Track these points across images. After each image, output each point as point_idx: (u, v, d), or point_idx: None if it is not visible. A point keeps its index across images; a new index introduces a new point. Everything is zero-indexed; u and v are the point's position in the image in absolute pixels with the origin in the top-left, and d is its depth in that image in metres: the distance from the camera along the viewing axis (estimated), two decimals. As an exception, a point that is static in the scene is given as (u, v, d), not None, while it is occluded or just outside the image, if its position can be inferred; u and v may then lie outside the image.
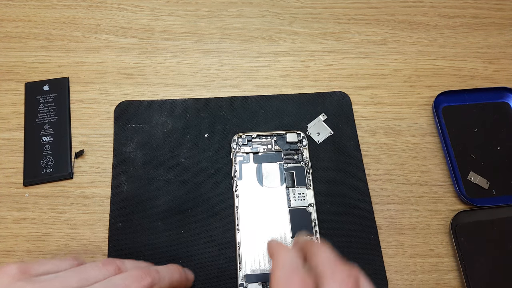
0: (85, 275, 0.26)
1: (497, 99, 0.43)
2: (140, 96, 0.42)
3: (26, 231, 0.36)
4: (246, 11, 0.48)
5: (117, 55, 0.44)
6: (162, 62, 0.44)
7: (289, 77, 0.44)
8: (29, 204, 0.37)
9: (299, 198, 0.37)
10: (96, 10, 0.47)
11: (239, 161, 0.38)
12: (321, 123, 0.41)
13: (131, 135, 0.40)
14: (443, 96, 0.42)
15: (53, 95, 0.41)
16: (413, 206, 0.38)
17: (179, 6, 0.47)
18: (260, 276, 0.33)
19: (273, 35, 0.46)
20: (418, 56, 0.46)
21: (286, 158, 0.38)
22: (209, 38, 0.46)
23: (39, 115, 0.40)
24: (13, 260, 0.35)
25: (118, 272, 0.27)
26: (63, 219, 0.37)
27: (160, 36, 0.46)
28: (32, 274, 0.25)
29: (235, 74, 0.44)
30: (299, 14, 0.48)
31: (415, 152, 0.41)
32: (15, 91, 0.42)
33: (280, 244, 0.28)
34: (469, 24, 0.48)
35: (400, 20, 0.48)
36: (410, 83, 0.44)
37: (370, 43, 0.46)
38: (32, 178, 0.38)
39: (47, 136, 0.40)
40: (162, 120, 0.40)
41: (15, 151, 0.39)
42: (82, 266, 0.27)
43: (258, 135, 0.39)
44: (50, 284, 0.24)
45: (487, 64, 0.46)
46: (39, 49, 0.44)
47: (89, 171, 0.39)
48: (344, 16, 0.48)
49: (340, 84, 0.44)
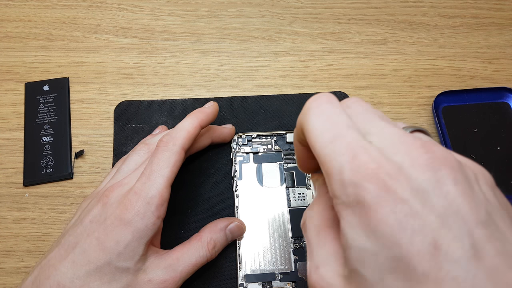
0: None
1: (497, 99, 0.43)
2: (140, 96, 0.42)
3: (26, 231, 0.36)
4: (246, 11, 0.48)
5: (117, 55, 0.44)
6: (162, 62, 0.44)
7: (289, 77, 0.44)
8: (29, 204, 0.37)
9: (299, 198, 0.37)
10: (96, 10, 0.47)
11: (239, 161, 0.38)
12: (321, 123, 0.41)
13: (131, 135, 0.40)
14: (443, 96, 0.42)
15: (53, 95, 0.41)
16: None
17: (179, 6, 0.47)
18: (260, 276, 0.34)
19: (273, 35, 0.46)
20: (418, 56, 0.46)
21: (286, 158, 0.38)
22: (209, 38, 0.46)
23: (39, 115, 0.40)
24: (13, 260, 0.35)
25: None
26: (63, 219, 0.37)
27: (160, 36, 0.46)
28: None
29: (235, 74, 0.44)
30: (299, 14, 0.48)
31: (415, 152, 0.41)
32: (15, 91, 0.42)
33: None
34: (469, 24, 0.48)
35: (400, 20, 0.48)
36: (410, 83, 0.44)
37: (370, 43, 0.46)
38: (32, 178, 0.38)
39: (47, 136, 0.40)
40: (162, 120, 0.40)
41: (15, 151, 0.39)
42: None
43: (258, 135, 0.39)
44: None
45: (487, 64, 0.46)
46: (39, 49, 0.44)
47: (89, 171, 0.39)
48: (344, 16, 0.48)
49: (340, 84, 0.44)
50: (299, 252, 0.35)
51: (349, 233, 0.17)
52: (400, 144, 0.18)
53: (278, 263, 0.34)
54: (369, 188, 0.16)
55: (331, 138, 0.18)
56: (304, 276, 0.34)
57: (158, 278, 0.28)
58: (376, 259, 0.16)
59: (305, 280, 0.34)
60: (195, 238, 0.32)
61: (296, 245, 0.35)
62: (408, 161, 0.17)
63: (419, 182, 0.16)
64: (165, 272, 0.28)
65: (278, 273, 0.34)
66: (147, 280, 0.28)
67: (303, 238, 0.35)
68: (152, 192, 0.28)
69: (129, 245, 0.27)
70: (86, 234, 0.27)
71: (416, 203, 0.16)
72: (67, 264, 0.26)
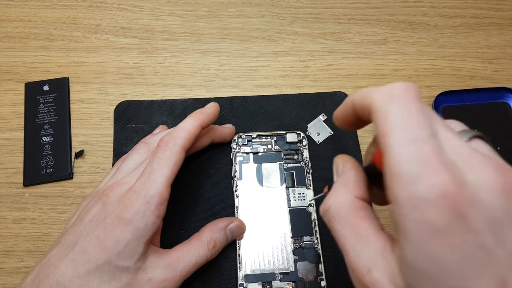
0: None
1: (497, 99, 0.43)
2: (140, 96, 0.42)
3: (26, 231, 0.36)
4: (246, 11, 0.48)
5: (117, 55, 0.44)
6: (162, 62, 0.44)
7: (289, 77, 0.44)
8: (29, 204, 0.37)
9: (299, 198, 0.37)
10: (96, 10, 0.47)
11: (239, 161, 0.38)
12: (321, 123, 0.41)
13: (131, 135, 0.40)
14: (443, 96, 0.42)
15: (53, 95, 0.41)
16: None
17: (179, 6, 0.47)
18: (260, 276, 0.33)
19: (273, 35, 0.46)
20: (418, 56, 0.46)
21: (286, 158, 0.38)
22: (209, 38, 0.46)
23: (39, 115, 0.40)
24: (13, 260, 0.35)
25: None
26: (63, 219, 0.37)
27: (160, 36, 0.46)
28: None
29: (235, 74, 0.44)
30: (299, 14, 0.48)
31: (415, 152, 0.41)
32: (15, 91, 0.42)
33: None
34: (469, 24, 0.48)
35: (400, 20, 0.48)
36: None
37: (370, 43, 0.46)
38: (32, 178, 0.38)
39: (47, 136, 0.40)
40: (162, 120, 0.40)
41: (15, 151, 0.39)
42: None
43: (258, 135, 0.39)
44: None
45: (487, 64, 0.46)
46: (39, 49, 0.44)
47: (89, 171, 0.39)
48: (344, 16, 0.48)
49: (340, 84, 0.44)
50: (299, 252, 0.35)
51: (411, 253, 0.16)
52: (471, 160, 0.17)
53: (278, 263, 0.34)
54: (443, 211, 0.15)
55: (410, 139, 0.17)
56: (304, 276, 0.34)
57: (158, 277, 0.28)
58: (437, 284, 0.15)
59: (305, 280, 0.34)
60: (195, 238, 0.32)
61: (296, 245, 0.35)
62: (483, 184, 0.16)
63: (494, 211, 0.15)
64: (165, 271, 0.28)
65: (278, 273, 0.34)
66: (147, 279, 0.28)
67: (303, 238, 0.35)
68: (152, 191, 0.28)
69: (129, 244, 0.27)
70: (85, 233, 0.27)
71: (488, 236, 0.15)
72: (67, 263, 0.26)
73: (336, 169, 0.23)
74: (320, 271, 0.34)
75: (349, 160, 0.23)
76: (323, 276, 0.34)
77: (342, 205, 0.20)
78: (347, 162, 0.22)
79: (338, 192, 0.21)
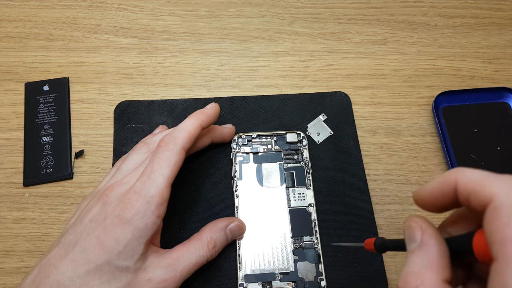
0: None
1: (497, 99, 0.43)
2: (140, 96, 0.42)
3: (26, 231, 0.36)
4: (246, 11, 0.48)
5: (117, 55, 0.44)
6: (162, 62, 0.44)
7: (289, 77, 0.44)
8: (29, 204, 0.37)
9: (299, 198, 0.37)
10: (96, 10, 0.47)
11: (239, 161, 0.38)
12: (321, 123, 0.41)
13: (131, 135, 0.40)
14: (443, 96, 0.42)
15: (53, 95, 0.41)
16: (413, 206, 0.38)
17: (179, 6, 0.47)
18: (260, 276, 0.33)
19: (273, 35, 0.46)
20: (418, 56, 0.46)
21: (286, 158, 0.38)
22: (209, 38, 0.46)
23: (39, 115, 0.40)
24: (13, 260, 0.35)
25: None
26: (63, 219, 0.37)
27: (160, 36, 0.46)
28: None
29: (235, 74, 0.44)
30: (299, 14, 0.48)
31: (415, 152, 0.41)
32: (15, 91, 0.42)
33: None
34: (469, 24, 0.48)
35: (400, 20, 0.48)
36: (410, 83, 0.44)
37: (370, 43, 0.46)
38: (32, 178, 0.38)
39: (47, 136, 0.40)
40: (162, 120, 0.40)
41: (15, 151, 0.39)
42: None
43: (258, 135, 0.39)
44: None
45: (487, 64, 0.46)
46: (39, 49, 0.44)
47: (89, 171, 0.39)
48: (344, 16, 0.48)
49: (340, 84, 0.44)
50: (299, 252, 0.35)
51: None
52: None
53: (278, 263, 0.34)
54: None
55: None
56: (304, 276, 0.34)
57: (158, 277, 0.28)
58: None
59: (305, 280, 0.34)
60: (195, 238, 0.32)
61: (296, 245, 0.35)
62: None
63: None
64: (165, 271, 0.28)
65: (278, 273, 0.34)
66: (147, 279, 0.28)
67: (303, 238, 0.35)
68: (152, 191, 0.28)
69: (129, 244, 0.27)
70: (86, 233, 0.27)
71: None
72: (67, 263, 0.26)
73: (410, 234, 0.20)
74: (320, 271, 0.34)
75: (428, 227, 0.20)
76: (323, 276, 0.34)
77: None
78: (427, 230, 0.19)
79: (423, 272, 0.18)
